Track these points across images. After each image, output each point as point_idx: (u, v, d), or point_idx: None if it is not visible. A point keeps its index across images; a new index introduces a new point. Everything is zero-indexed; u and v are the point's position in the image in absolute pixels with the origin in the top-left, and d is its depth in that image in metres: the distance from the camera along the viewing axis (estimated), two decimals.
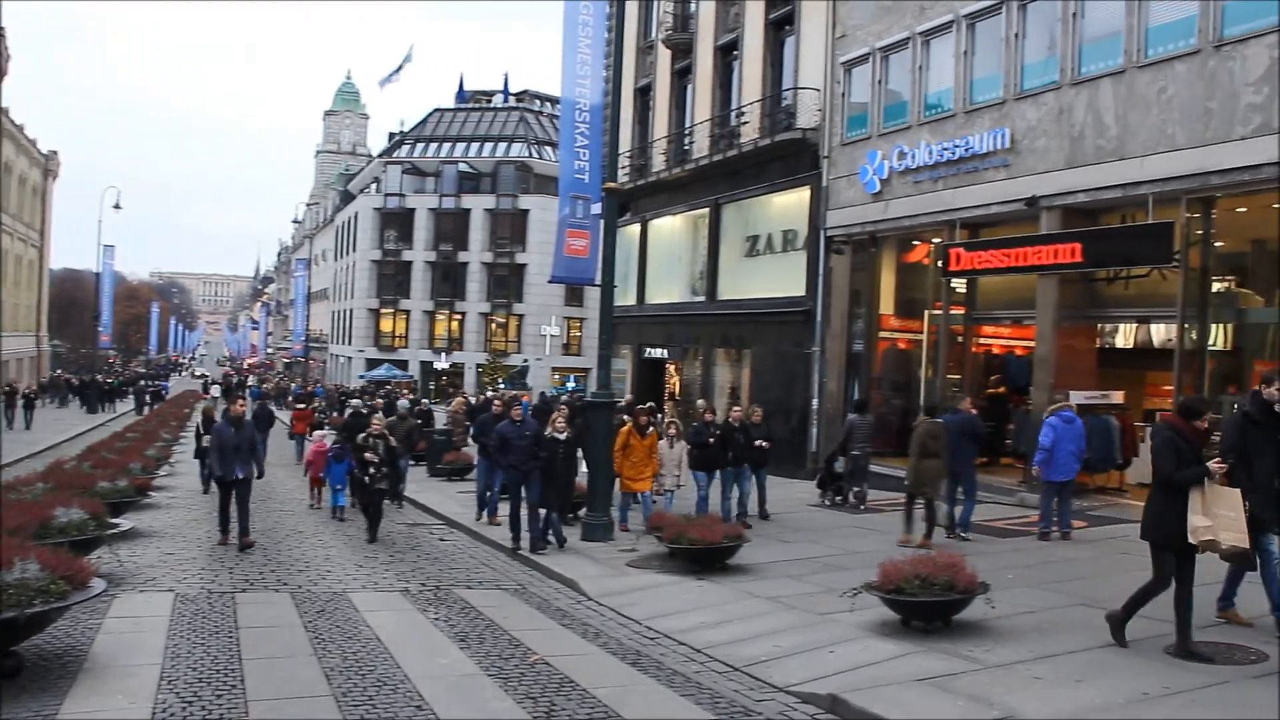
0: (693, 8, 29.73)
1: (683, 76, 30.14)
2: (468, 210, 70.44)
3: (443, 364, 68.90)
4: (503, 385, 46.92)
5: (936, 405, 15.72)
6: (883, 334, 22.88)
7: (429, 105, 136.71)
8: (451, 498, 19.72)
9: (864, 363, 22.81)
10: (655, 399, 24.88)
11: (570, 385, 56.64)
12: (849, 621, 9.34)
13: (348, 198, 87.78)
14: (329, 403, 41.65)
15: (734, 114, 26.93)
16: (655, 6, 31.73)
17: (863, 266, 22.62)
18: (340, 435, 19.51)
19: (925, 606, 8.95)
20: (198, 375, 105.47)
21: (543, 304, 67.03)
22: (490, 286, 69.91)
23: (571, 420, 15.51)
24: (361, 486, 15.70)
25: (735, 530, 12.70)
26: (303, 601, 10.79)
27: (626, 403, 20.74)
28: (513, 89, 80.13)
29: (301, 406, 30.67)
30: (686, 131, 29.39)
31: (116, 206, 55.32)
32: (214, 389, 67.39)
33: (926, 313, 21.26)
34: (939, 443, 13.87)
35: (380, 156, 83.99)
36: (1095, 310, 18.20)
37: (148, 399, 54.91)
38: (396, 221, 72.79)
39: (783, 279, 24.68)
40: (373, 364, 70.02)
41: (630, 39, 31.14)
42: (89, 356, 75.04)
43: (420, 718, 7.13)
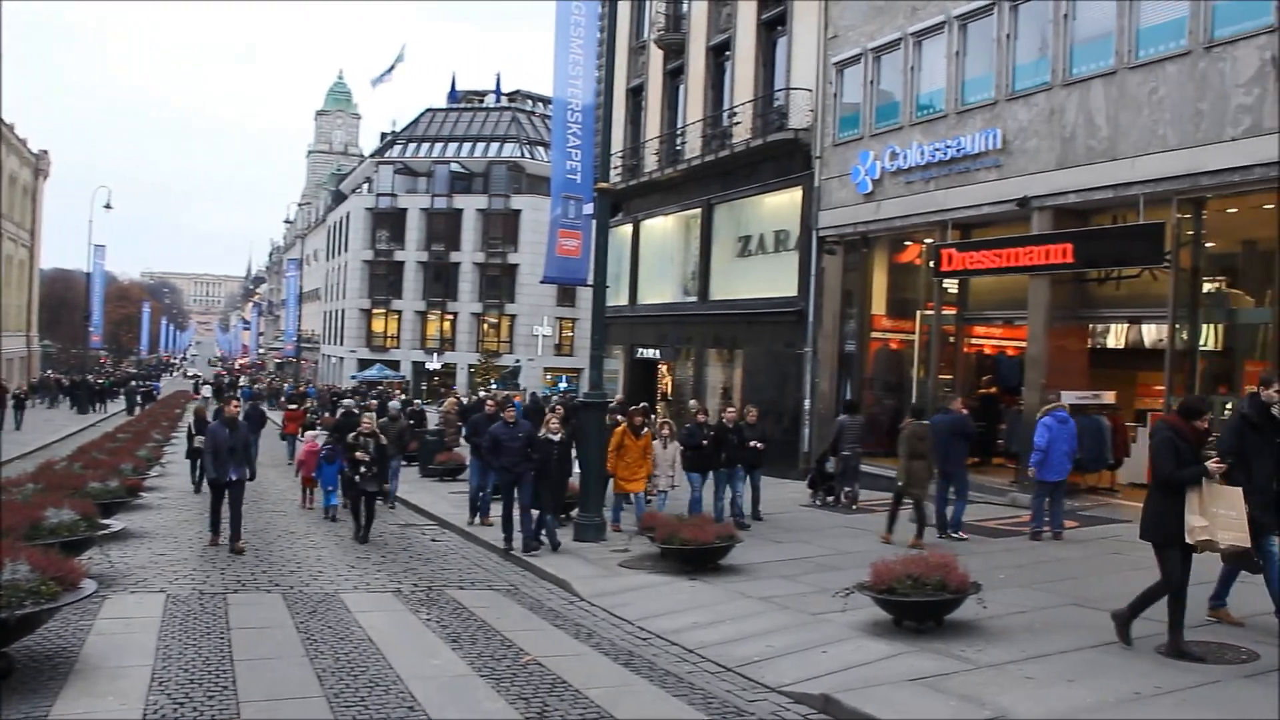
0: (685, 8, 29.74)
1: (675, 77, 30.16)
2: (460, 210, 70.39)
3: (435, 364, 68.77)
4: (495, 386, 46.82)
5: (923, 408, 15.82)
6: (875, 334, 22.93)
7: (421, 105, 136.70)
8: (444, 498, 19.68)
9: (856, 363, 22.85)
10: (647, 399, 24.85)
11: (563, 385, 56.67)
12: (841, 621, 9.34)
13: (339, 198, 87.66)
14: (321, 403, 41.58)
15: (726, 114, 26.94)
16: (647, 6, 31.73)
17: (855, 267, 22.66)
18: (332, 435, 19.47)
19: (917, 606, 8.96)
20: (190, 375, 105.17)
21: (535, 304, 67.01)
22: (482, 287, 69.86)
23: (566, 421, 15.50)
24: (350, 485, 15.66)
25: (727, 530, 12.68)
26: (295, 602, 10.77)
27: (617, 402, 20.77)
28: (505, 89, 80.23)
29: (293, 407, 30.60)
30: (679, 132, 29.42)
31: (107, 206, 55.32)
32: (205, 389, 67.28)
33: (918, 313, 21.29)
34: (926, 444, 14.10)
35: (372, 156, 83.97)
36: (1087, 310, 18.24)
37: (139, 399, 54.72)
38: (388, 221, 72.67)
39: (775, 279, 24.72)
40: (365, 364, 69.92)
41: (622, 39, 31.10)
42: (80, 357, 74.89)
43: (412, 719, 7.12)
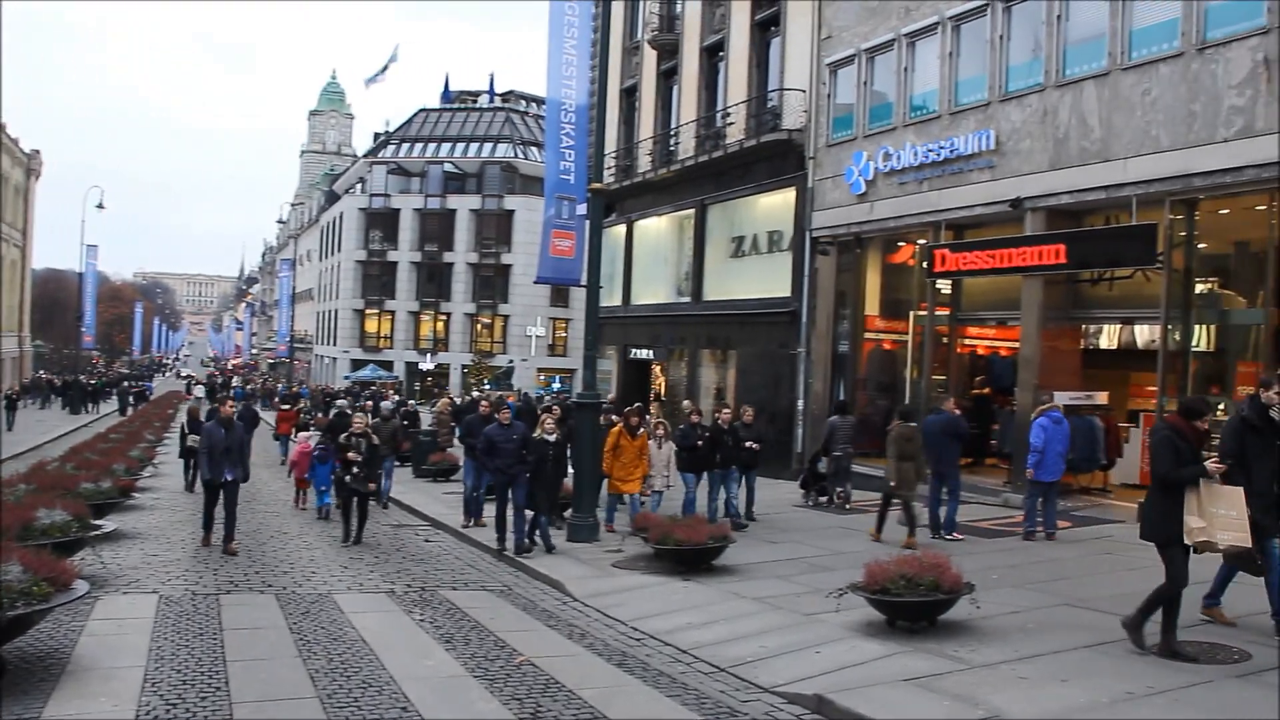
0: (678, 9, 29.74)
1: (668, 77, 30.15)
2: (453, 211, 70.36)
3: (428, 365, 68.71)
4: (488, 386, 46.81)
5: (910, 409, 15.90)
6: (868, 335, 22.94)
7: (414, 105, 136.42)
8: (437, 499, 19.67)
9: (849, 363, 22.86)
10: (641, 400, 24.86)
11: (556, 386, 56.58)
12: (835, 622, 9.35)
13: (333, 198, 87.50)
14: (314, 403, 41.51)
15: (720, 115, 26.94)
16: (641, 7, 31.74)
17: (848, 267, 22.67)
18: (325, 436, 19.42)
19: (911, 607, 8.97)
20: (183, 376, 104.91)
21: (528, 305, 67.00)
22: (475, 287, 69.83)
23: (562, 422, 15.46)
24: (341, 486, 15.54)
25: (721, 531, 12.68)
26: (288, 603, 10.75)
27: (609, 402, 20.74)
28: (498, 89, 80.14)
29: (286, 407, 30.54)
30: (672, 132, 29.40)
31: (100, 206, 55.08)
32: (197, 389, 67.11)
33: (911, 313, 21.29)
34: (914, 445, 14.24)
35: (365, 157, 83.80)
36: (1079, 311, 18.27)
37: (131, 400, 54.60)
38: (381, 222, 72.59)
39: (768, 280, 24.72)
40: (358, 365, 69.85)
41: (616, 40, 31.08)
42: (72, 357, 74.64)
43: (406, 719, 7.12)
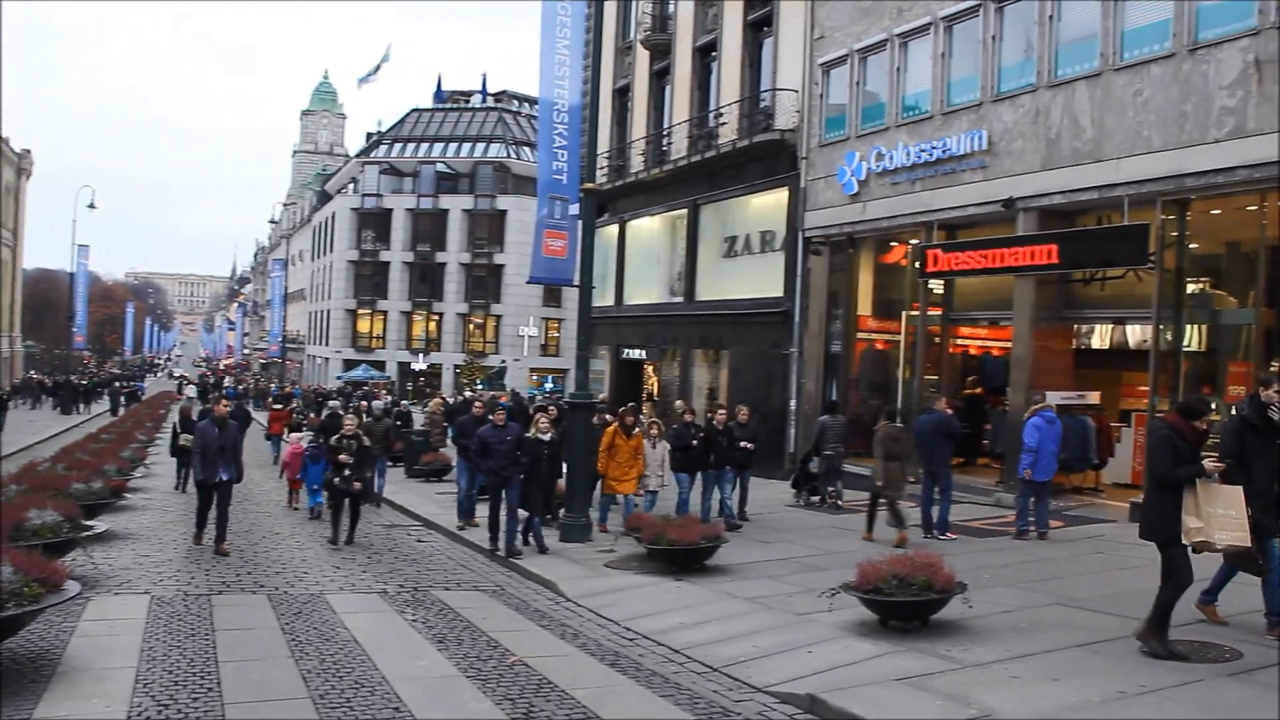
0: (671, 9, 29.74)
1: (661, 77, 30.16)
2: (445, 211, 70.26)
3: (420, 365, 68.64)
4: (480, 386, 46.73)
5: (896, 410, 15.98)
6: (860, 335, 22.97)
7: (407, 105, 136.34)
8: (429, 499, 19.64)
9: (842, 363, 22.88)
10: (634, 400, 24.83)
11: (548, 386, 56.59)
12: (827, 621, 9.35)
13: (325, 198, 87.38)
14: (306, 404, 41.43)
15: (712, 115, 26.95)
16: (634, 7, 31.73)
17: (840, 267, 22.70)
18: (317, 436, 19.39)
19: (903, 606, 8.98)
20: (175, 376, 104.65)
21: (521, 305, 66.94)
22: (468, 287, 69.73)
23: (557, 422, 15.42)
24: (331, 488, 15.34)
25: (713, 531, 12.67)
26: (280, 603, 10.73)
27: (601, 401, 20.70)
28: (491, 89, 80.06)
29: (279, 407, 30.51)
30: (665, 132, 29.41)
31: (91, 206, 54.91)
32: (189, 389, 66.87)
33: (904, 313, 21.31)
34: (900, 445, 14.33)
35: (358, 156, 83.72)
36: (1071, 311, 18.30)
37: (123, 400, 54.45)
38: (374, 222, 72.48)
39: (761, 280, 24.74)
40: (350, 365, 69.77)
41: (609, 39, 30.98)
42: (63, 357, 74.42)
43: (398, 719, 7.11)
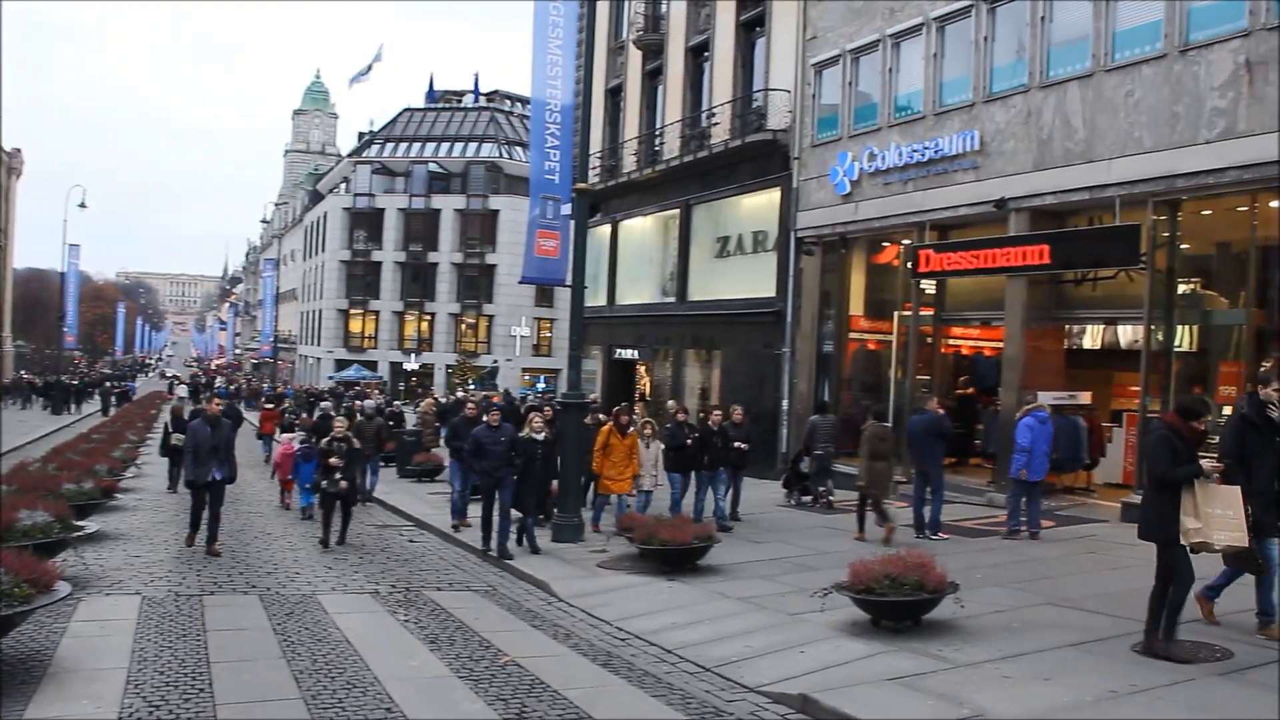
0: (664, 9, 29.74)
1: (654, 77, 30.15)
2: (437, 210, 70.22)
3: (412, 365, 68.56)
4: (472, 386, 46.68)
5: (883, 409, 16.01)
6: (852, 335, 22.98)
7: (399, 105, 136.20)
8: (421, 499, 19.61)
9: (834, 363, 22.90)
10: (626, 400, 24.85)
11: (541, 386, 56.51)
12: (820, 621, 9.36)
13: (317, 197, 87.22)
14: (298, 404, 41.33)
15: (705, 115, 26.95)
16: (626, 7, 31.73)
17: (833, 268, 22.71)
18: (309, 436, 19.35)
19: (895, 606, 8.99)
20: (167, 376, 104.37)
21: (513, 305, 66.88)
22: (460, 287, 69.71)
23: (552, 422, 15.36)
24: (321, 491, 15.08)
25: (706, 531, 12.67)
26: (271, 604, 10.71)
27: (593, 401, 20.71)
28: (483, 89, 79.95)
29: (270, 406, 30.44)
30: (657, 132, 29.41)
31: (81, 205, 54.59)
32: (180, 389, 66.67)
33: (896, 314, 21.33)
34: (887, 444, 14.41)
35: (349, 156, 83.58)
36: (1063, 311, 18.34)
37: (114, 400, 54.28)
38: (366, 222, 72.38)
39: (753, 280, 24.75)
40: (342, 365, 69.63)
41: (601, 39, 31.06)
42: (54, 357, 74.06)
43: None
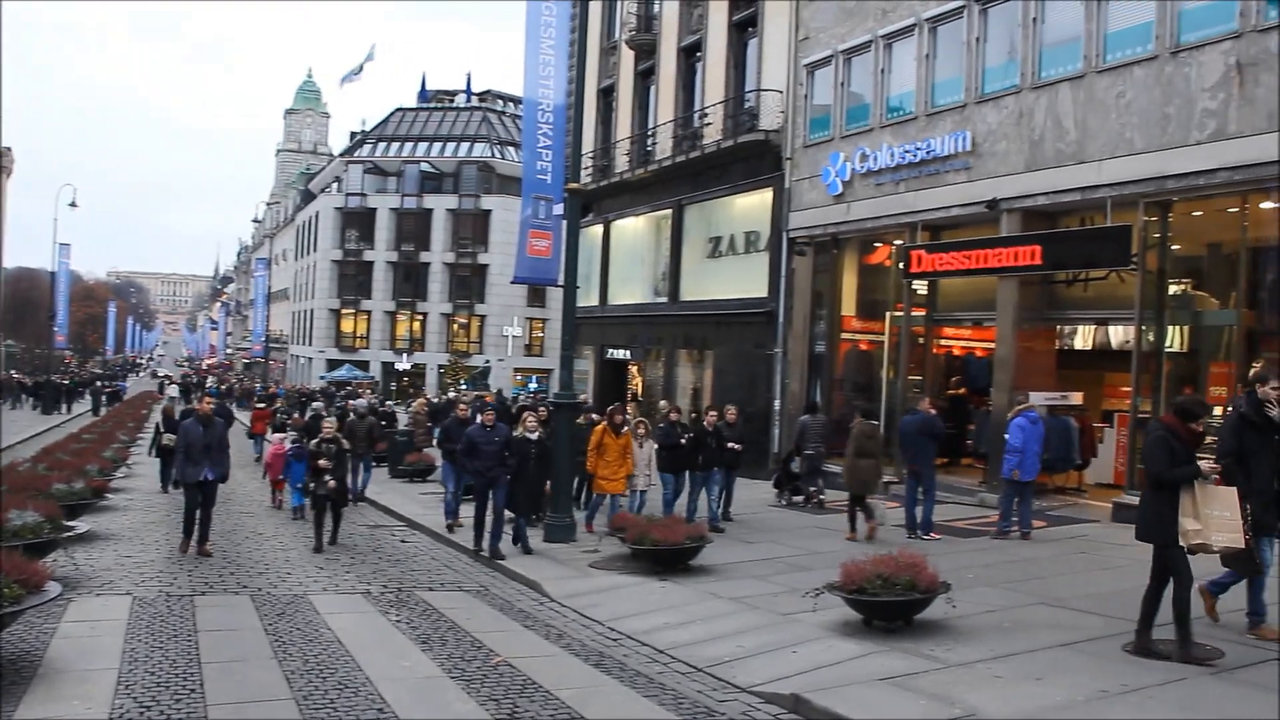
0: (656, 9, 29.72)
1: (646, 77, 30.15)
2: (430, 210, 70.10)
3: (404, 365, 68.46)
4: (464, 386, 46.64)
5: (872, 408, 16.07)
6: (844, 335, 22.99)
7: (391, 105, 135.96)
8: (413, 499, 19.59)
9: (826, 364, 22.91)
10: (618, 400, 24.81)
11: (533, 386, 56.52)
12: (812, 621, 9.37)
13: (308, 197, 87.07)
14: (289, 404, 41.25)
15: (697, 115, 26.94)
16: (619, 7, 31.71)
17: (825, 268, 22.73)
18: (301, 436, 19.30)
19: (887, 606, 9.00)
20: (158, 375, 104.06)
21: (505, 305, 66.84)
22: (452, 287, 69.59)
23: (546, 422, 15.33)
24: (311, 494, 14.95)
25: (698, 531, 12.67)
26: (263, 604, 10.68)
27: (582, 400, 20.69)
28: (475, 89, 79.89)
29: (262, 406, 30.42)
30: (649, 132, 29.40)
31: (72, 204, 54.44)
32: (171, 389, 66.40)
33: (888, 314, 21.34)
34: (874, 442, 14.53)
35: (341, 156, 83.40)
36: (1054, 312, 18.39)
37: (104, 399, 54.12)
38: (358, 221, 72.24)
39: (745, 280, 24.75)
40: (334, 365, 69.53)
41: (593, 39, 31.01)
42: (44, 357, 73.80)
43: None
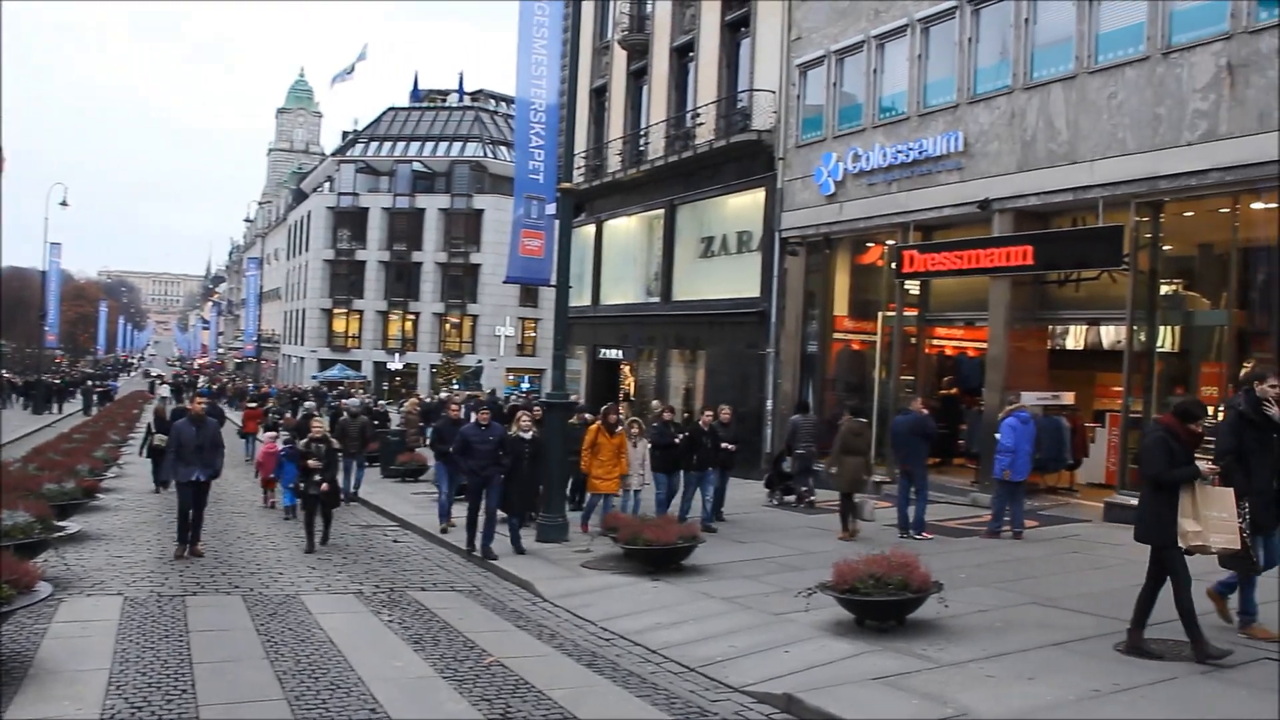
0: (649, 9, 29.72)
1: (638, 77, 30.15)
2: (422, 210, 70.05)
3: (396, 364, 68.40)
4: (457, 386, 46.60)
5: (860, 407, 16.07)
6: (837, 335, 23.01)
7: (383, 104, 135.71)
8: (405, 499, 19.57)
9: (818, 364, 22.93)
10: (610, 400, 24.80)
11: (525, 385, 56.44)
12: (804, 621, 9.37)
13: (300, 196, 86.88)
14: (282, 403, 41.17)
15: (689, 115, 26.95)
16: (611, 7, 31.70)
17: (817, 268, 22.74)
18: (293, 435, 19.28)
19: (879, 606, 9.00)
20: (150, 375, 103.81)
21: (497, 304, 66.80)
22: (444, 287, 69.57)
23: (541, 421, 15.30)
24: (302, 494, 14.81)
25: (690, 531, 12.67)
26: (254, 604, 10.66)
27: (574, 400, 20.66)
28: (468, 88, 79.81)
29: (253, 405, 30.35)
30: (642, 132, 29.41)
31: (63, 203, 54.27)
32: (162, 389, 66.27)
33: (880, 314, 21.38)
34: (862, 440, 14.58)
35: (334, 155, 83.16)
36: (1046, 312, 18.42)
37: (95, 399, 53.96)
38: (350, 221, 72.15)
39: (737, 280, 24.77)
40: (326, 364, 69.40)
41: (586, 39, 31.05)
42: (35, 356, 73.61)
43: None
